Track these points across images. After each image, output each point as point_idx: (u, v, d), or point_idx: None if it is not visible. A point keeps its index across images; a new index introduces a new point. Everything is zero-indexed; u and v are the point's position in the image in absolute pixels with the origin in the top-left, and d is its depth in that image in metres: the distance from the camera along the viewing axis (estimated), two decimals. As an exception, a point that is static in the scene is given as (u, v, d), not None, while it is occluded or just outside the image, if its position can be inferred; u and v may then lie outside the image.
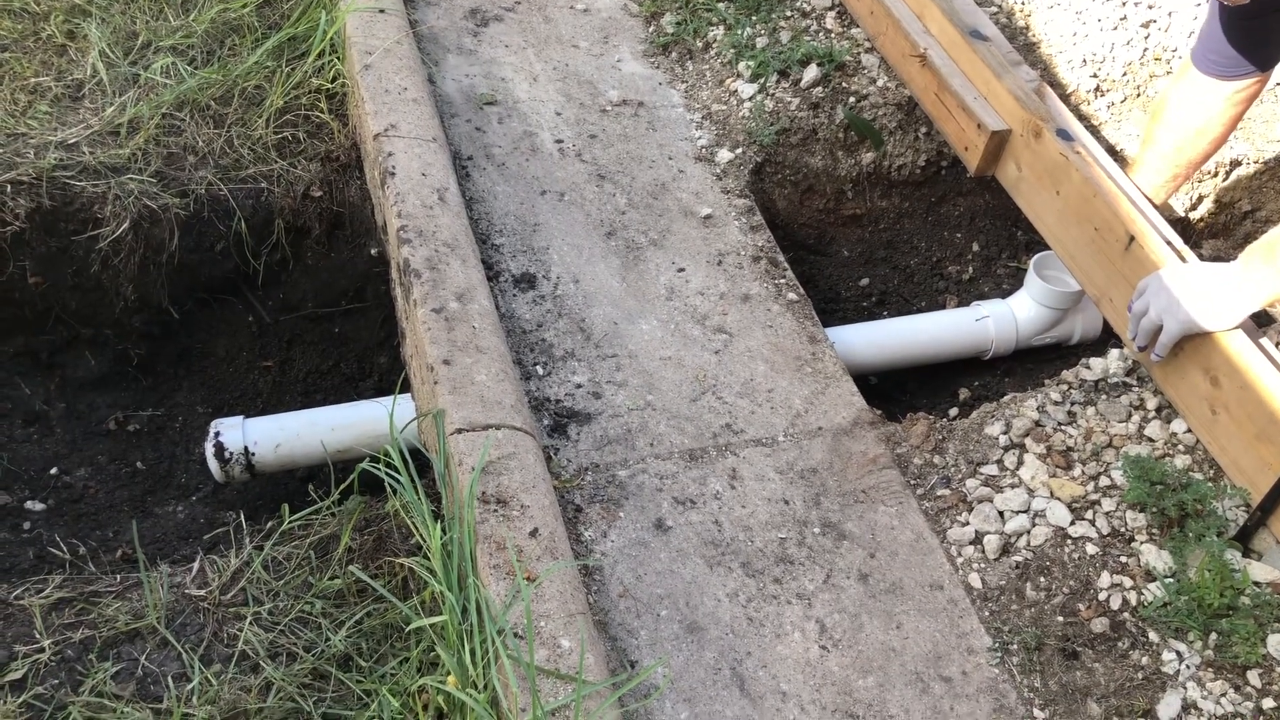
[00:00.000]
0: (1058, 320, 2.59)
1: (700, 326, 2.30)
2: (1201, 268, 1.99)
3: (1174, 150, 2.31)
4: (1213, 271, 1.95)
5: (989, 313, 2.60)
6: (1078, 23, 3.08)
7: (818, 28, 2.96)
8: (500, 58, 2.87)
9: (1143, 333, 2.01)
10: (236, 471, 2.19)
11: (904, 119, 2.81)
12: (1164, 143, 2.31)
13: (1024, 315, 2.59)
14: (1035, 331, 2.60)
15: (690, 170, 2.66)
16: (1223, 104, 2.20)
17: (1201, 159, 2.34)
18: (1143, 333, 2.01)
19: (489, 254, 2.36)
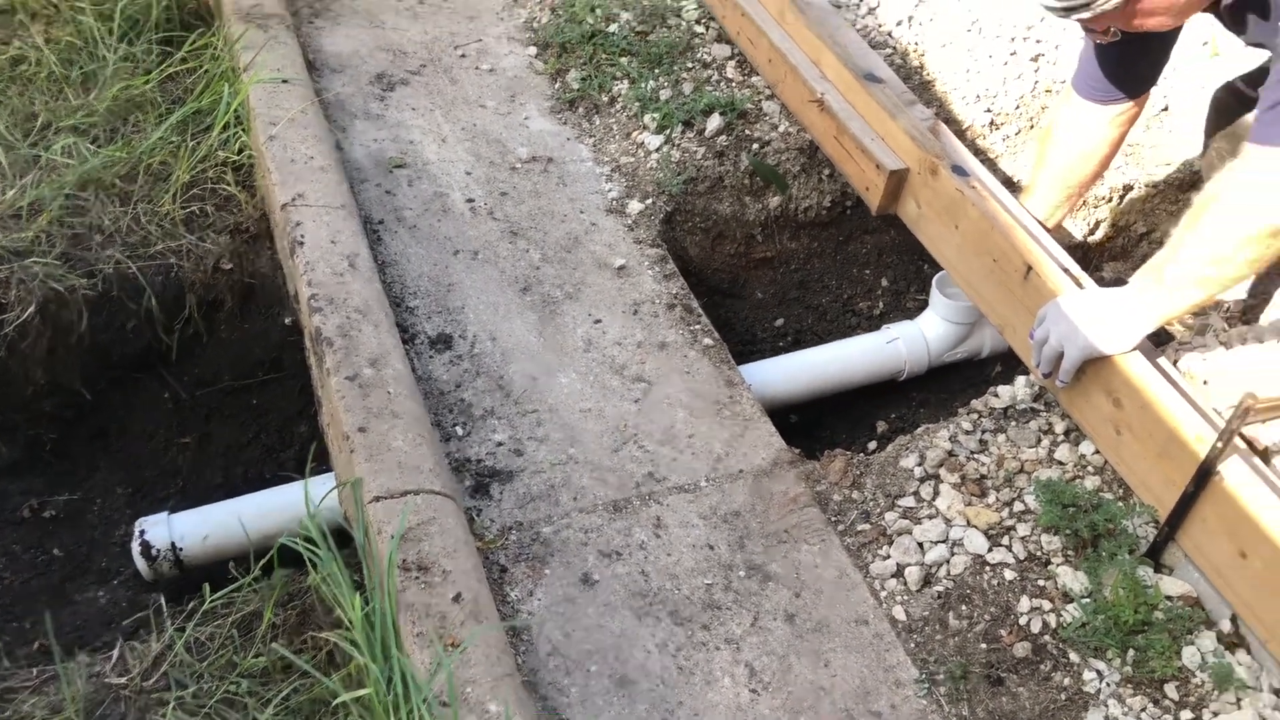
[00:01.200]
0: (966, 335, 2.65)
1: (619, 377, 2.32)
2: (1096, 293, 2.06)
3: (1064, 171, 2.38)
4: (1107, 296, 2.02)
5: (899, 334, 2.66)
6: (970, 59, 3.19)
7: (719, 78, 3.02)
8: (408, 121, 2.89)
9: (1045, 360, 2.07)
10: (165, 568, 2.16)
11: (807, 162, 2.88)
12: (1054, 165, 2.39)
13: (933, 333, 2.65)
14: (945, 348, 2.67)
15: (602, 223, 2.69)
16: (1105, 127, 2.29)
17: (1091, 179, 2.42)
18: (1045, 360, 2.07)
19: (404, 317, 2.36)
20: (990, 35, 3.22)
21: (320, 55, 3.06)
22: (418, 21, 3.26)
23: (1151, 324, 1.96)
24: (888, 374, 2.68)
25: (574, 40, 3.13)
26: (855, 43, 2.84)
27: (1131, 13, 1.84)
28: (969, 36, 3.22)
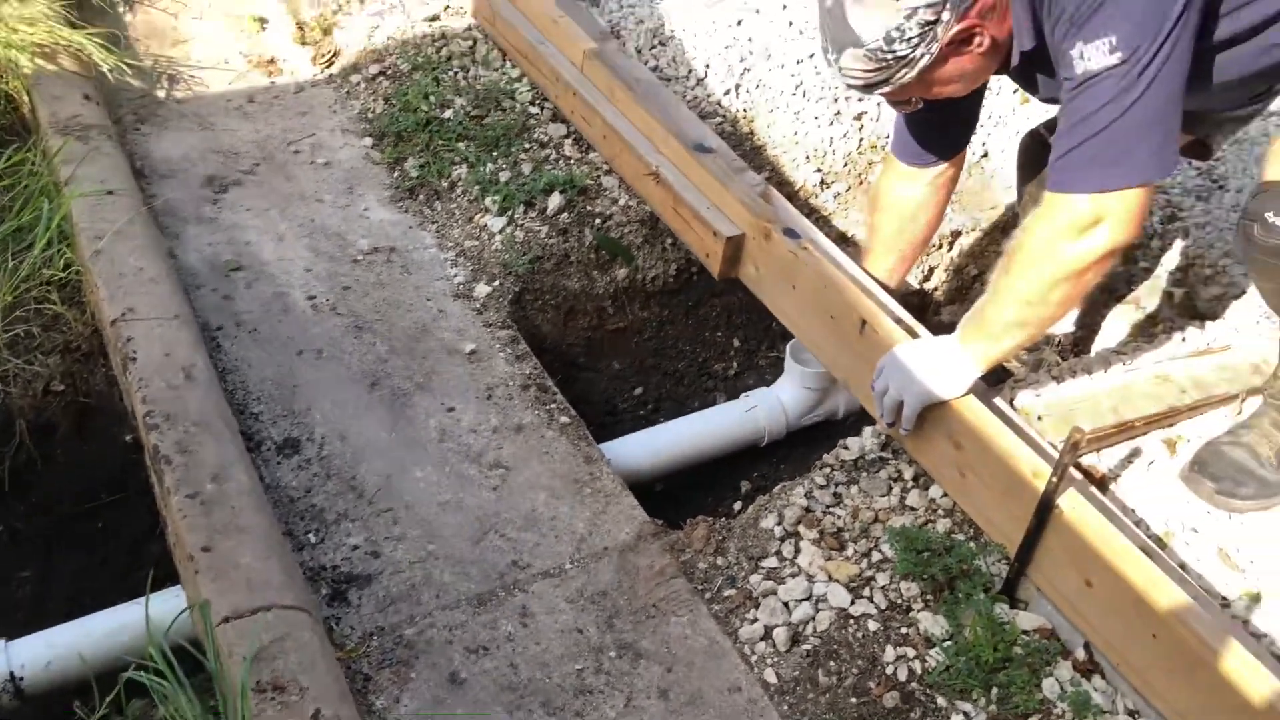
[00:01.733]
0: (820, 399, 2.71)
1: (476, 465, 2.29)
2: (927, 342, 2.13)
3: (895, 235, 2.47)
4: (937, 344, 2.09)
5: (757, 402, 2.70)
6: (797, 123, 3.30)
7: (557, 156, 3.06)
8: (243, 222, 2.84)
9: (887, 410, 2.13)
10: (4, 700, 2.03)
11: (650, 233, 2.92)
12: (885, 229, 2.48)
13: (789, 400, 2.70)
14: (802, 412, 2.72)
15: (450, 309, 2.68)
16: (926, 189, 2.39)
17: (924, 239, 2.51)
18: (887, 410, 2.13)
19: (248, 424, 2.30)
20: (814, 99, 3.34)
21: (148, 162, 2.99)
22: (249, 120, 3.22)
23: (980, 367, 2.04)
24: (748, 441, 2.71)
25: (409, 128, 3.13)
26: (685, 115, 2.91)
27: (930, 83, 1.93)
28: (795, 100, 3.34)
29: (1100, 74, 1.75)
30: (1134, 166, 1.79)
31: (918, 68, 1.85)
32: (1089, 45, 1.75)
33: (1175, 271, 2.92)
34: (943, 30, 1.81)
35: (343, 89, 3.40)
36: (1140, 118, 1.76)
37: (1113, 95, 1.75)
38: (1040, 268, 1.87)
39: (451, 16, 3.57)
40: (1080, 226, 1.83)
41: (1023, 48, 1.91)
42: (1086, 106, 1.78)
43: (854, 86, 1.93)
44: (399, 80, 3.33)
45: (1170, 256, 2.96)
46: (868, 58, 1.85)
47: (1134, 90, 1.74)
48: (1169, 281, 2.90)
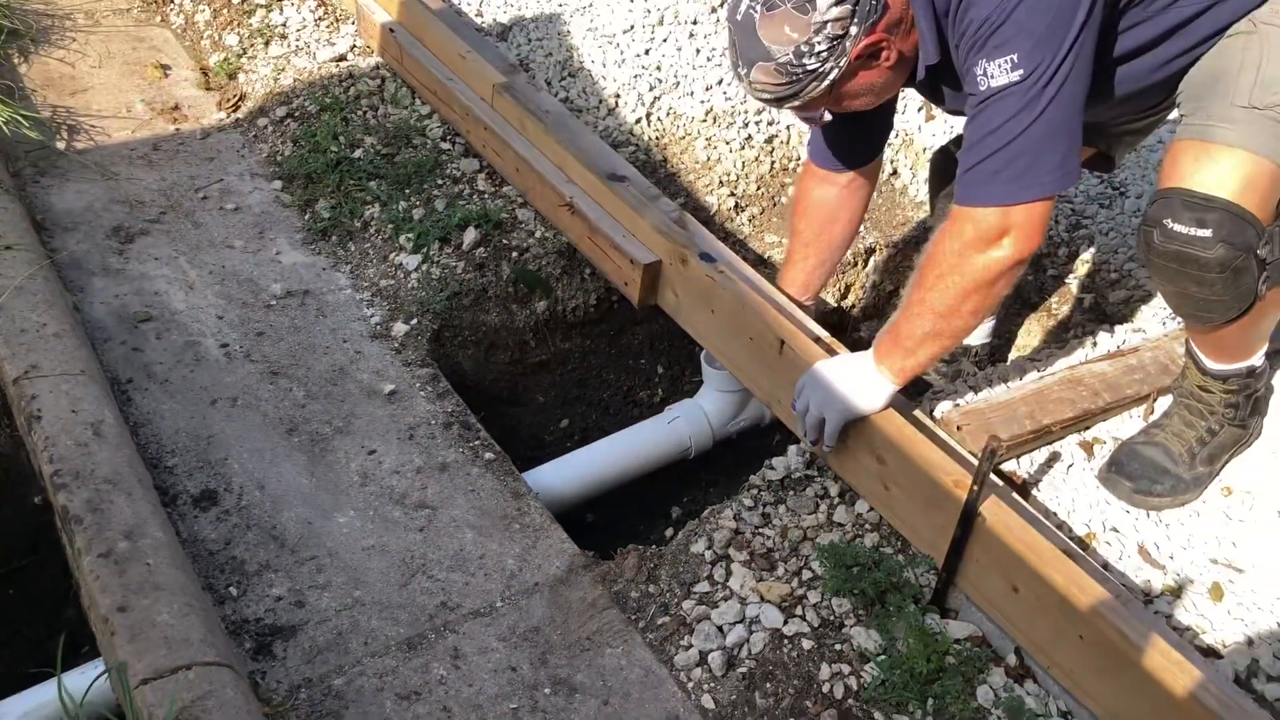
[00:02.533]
0: (744, 402, 2.72)
1: (400, 507, 2.26)
2: (844, 360, 2.14)
3: (815, 236, 2.48)
4: (854, 361, 2.11)
5: (679, 413, 2.70)
6: (709, 149, 3.32)
7: (470, 191, 3.05)
8: (151, 271, 2.78)
9: (810, 428, 2.14)
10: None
11: (567, 264, 2.92)
12: (806, 232, 2.48)
13: (711, 407, 2.70)
14: (727, 419, 2.72)
15: (368, 350, 2.64)
16: (843, 192, 2.41)
17: (842, 242, 2.52)
18: (810, 428, 2.14)
19: (162, 478, 2.24)
20: (725, 124, 3.37)
21: (50, 214, 2.91)
22: (153, 169, 3.15)
23: (898, 381, 2.06)
24: (675, 454, 2.71)
25: (319, 170, 3.09)
26: (596, 145, 2.92)
27: (839, 96, 1.96)
28: (706, 126, 3.37)
29: (1003, 90, 1.79)
30: (1038, 180, 1.82)
31: (826, 81, 1.88)
32: (991, 63, 1.79)
33: (1083, 278, 2.99)
34: (851, 44, 1.84)
35: (250, 133, 3.35)
36: (1043, 132, 1.80)
37: (1016, 111, 1.79)
38: (951, 280, 1.90)
39: (359, 56, 3.55)
40: (987, 239, 1.86)
41: (928, 62, 1.95)
42: (991, 122, 1.82)
43: (763, 100, 1.95)
44: (307, 122, 3.29)
45: (1077, 263, 3.04)
46: (778, 71, 1.87)
47: (1037, 105, 1.78)
48: (1078, 288, 2.97)
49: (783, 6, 1.83)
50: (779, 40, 1.85)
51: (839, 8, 1.81)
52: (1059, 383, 2.36)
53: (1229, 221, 1.85)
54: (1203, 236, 1.87)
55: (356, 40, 3.59)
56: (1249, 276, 1.91)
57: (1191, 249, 1.89)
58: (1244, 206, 1.85)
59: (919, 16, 1.91)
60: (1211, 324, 2.03)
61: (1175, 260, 1.93)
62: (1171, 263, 1.94)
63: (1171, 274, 1.97)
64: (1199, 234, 1.87)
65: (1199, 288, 1.94)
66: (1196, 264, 1.90)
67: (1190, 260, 1.90)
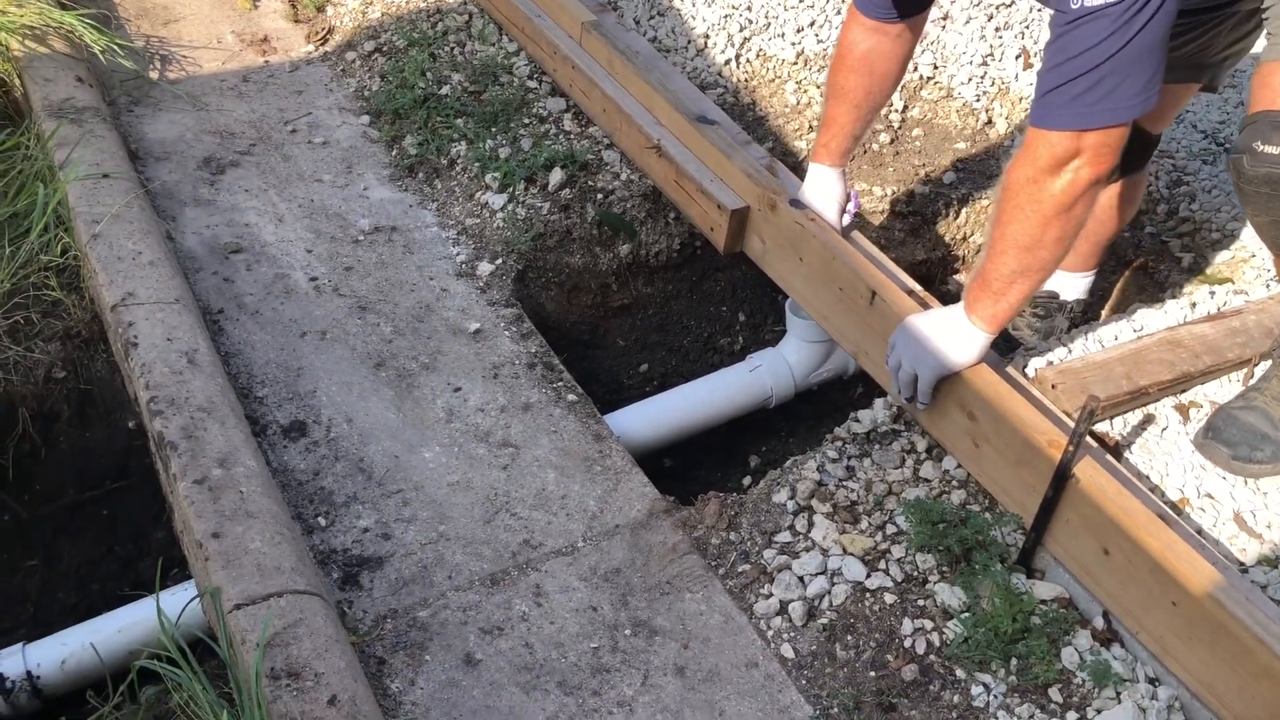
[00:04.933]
0: (827, 354, 2.68)
1: (484, 444, 2.27)
2: (935, 313, 2.10)
3: (865, 99, 2.36)
4: (945, 315, 2.07)
5: (761, 362, 2.68)
6: (800, 93, 3.26)
7: (557, 131, 3.02)
8: (241, 203, 2.81)
9: (903, 385, 2.10)
10: (23, 699, 2.02)
11: (652, 208, 2.89)
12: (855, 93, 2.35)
13: (795, 357, 2.68)
14: (809, 370, 2.69)
15: (453, 288, 2.65)
16: (894, 44, 2.28)
17: (886, 99, 2.41)
18: (903, 385, 2.10)
19: (252, 408, 2.28)
20: (815, 68, 3.30)
21: (143, 144, 2.95)
22: (243, 101, 3.18)
23: (991, 329, 2.00)
24: (756, 403, 2.69)
25: (407, 106, 3.09)
26: (686, 87, 2.88)
27: None
28: (796, 69, 3.30)
29: (1097, 10, 1.69)
30: (1117, 106, 1.74)
31: None
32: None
33: (1183, 236, 2.90)
34: None
35: (338, 67, 3.35)
36: (1134, 55, 1.71)
37: (1108, 33, 1.69)
38: (1029, 209, 1.83)
39: (446, -9, 3.53)
40: (1061, 161, 1.79)
41: None
42: (1080, 43, 1.72)
43: None
44: (395, 57, 3.28)
45: (1177, 221, 2.94)
46: None
47: (1130, 29, 1.68)
48: (1179, 247, 2.88)
49: None
50: None
51: None
52: (1157, 343, 2.30)
53: None
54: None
55: (444, -25, 3.56)
56: None
57: (1276, 168, 1.81)
58: None
59: None
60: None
61: (1267, 184, 1.85)
62: (1263, 187, 1.86)
63: (1264, 200, 1.89)
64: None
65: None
66: None
67: (1275, 180, 1.83)
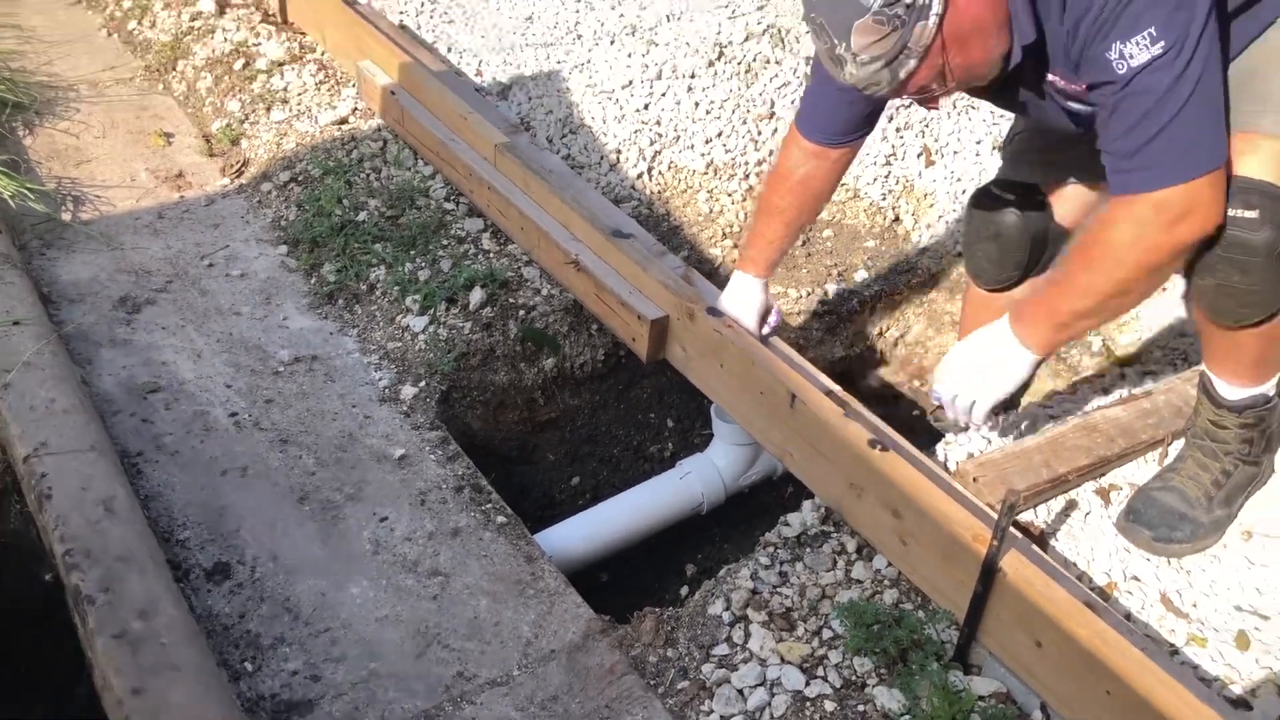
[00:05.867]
0: (755, 456, 2.71)
1: (413, 574, 2.24)
2: (982, 342, 2.04)
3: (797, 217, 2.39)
4: (994, 342, 2.02)
5: (691, 468, 2.69)
6: (712, 201, 3.34)
7: (476, 250, 3.05)
8: (159, 341, 2.78)
9: (959, 413, 2.08)
10: None
11: (574, 321, 2.92)
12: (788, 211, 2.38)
13: (723, 461, 2.70)
14: (739, 473, 2.71)
15: (377, 414, 2.64)
16: (831, 168, 2.31)
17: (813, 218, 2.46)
18: (959, 413, 2.08)
19: (174, 552, 2.22)
20: (725, 176, 3.38)
21: (56, 287, 2.92)
22: (159, 238, 3.17)
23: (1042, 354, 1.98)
24: (688, 510, 2.70)
25: (324, 233, 3.10)
26: (600, 202, 2.93)
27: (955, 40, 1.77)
28: (707, 179, 3.38)
29: (1148, 66, 1.70)
30: (1213, 147, 1.76)
31: (932, 16, 1.71)
32: (1128, 43, 1.70)
33: (1091, 320, 2.98)
34: None
35: (254, 198, 3.36)
36: (1204, 98, 1.73)
37: (1170, 84, 1.70)
38: (1129, 263, 1.82)
39: (360, 118, 3.58)
40: (1172, 218, 1.78)
41: (1025, 40, 1.83)
42: (1142, 103, 1.73)
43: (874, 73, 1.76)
44: (311, 185, 3.31)
45: (1084, 306, 3.03)
46: (877, 23, 1.69)
47: (1191, 75, 1.70)
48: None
49: None
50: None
51: None
52: (1073, 430, 2.35)
53: (1274, 204, 1.84)
54: (1250, 218, 1.84)
55: (358, 103, 3.62)
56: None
57: (1240, 231, 1.86)
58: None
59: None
60: (1245, 321, 1.99)
61: (1222, 246, 1.88)
62: (1217, 249, 1.89)
63: (1219, 264, 1.91)
64: (1247, 215, 1.84)
65: (1242, 275, 1.90)
66: (1243, 248, 1.86)
67: (1237, 244, 1.87)
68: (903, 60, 1.74)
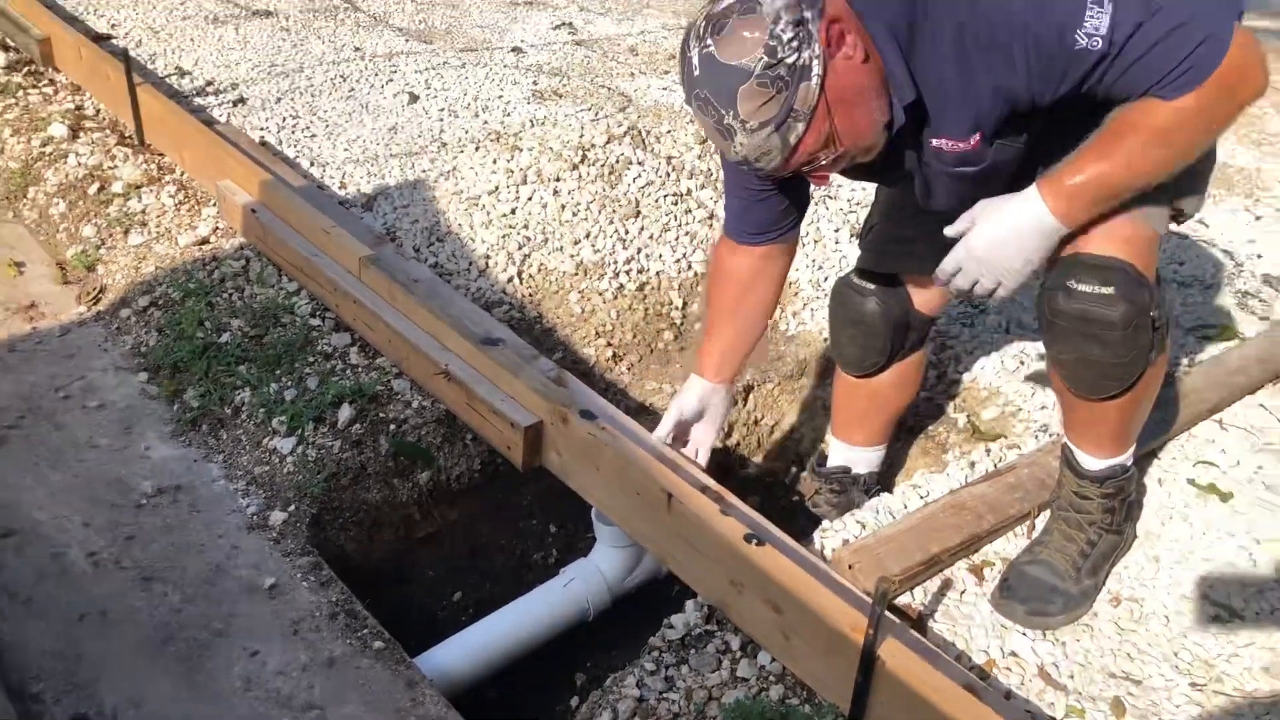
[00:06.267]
0: (639, 557, 2.68)
1: (287, 710, 2.14)
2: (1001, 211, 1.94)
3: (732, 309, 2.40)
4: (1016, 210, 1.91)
5: (574, 575, 2.65)
6: (583, 301, 3.36)
7: (343, 366, 3.00)
8: (11, 482, 2.65)
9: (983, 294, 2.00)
10: None
11: (448, 431, 2.88)
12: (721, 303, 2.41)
13: (606, 565, 2.66)
14: (623, 576, 2.68)
15: (245, 543, 2.54)
16: (758, 263, 2.33)
17: (760, 315, 2.43)
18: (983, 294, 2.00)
19: (29, 707, 2.09)
20: (595, 276, 3.42)
21: (-104, 430, 2.77)
22: (9, 373, 3.04)
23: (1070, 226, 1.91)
24: (574, 618, 2.65)
25: (185, 358, 3.02)
26: (469, 309, 2.93)
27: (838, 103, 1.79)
28: (577, 280, 3.41)
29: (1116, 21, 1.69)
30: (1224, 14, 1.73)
31: (814, 77, 1.72)
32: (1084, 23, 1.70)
33: (955, 398, 3.07)
34: (814, 26, 1.71)
35: (112, 325, 3.26)
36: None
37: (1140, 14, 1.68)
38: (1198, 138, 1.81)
39: (221, 238, 3.52)
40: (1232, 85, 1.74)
41: (904, 100, 1.85)
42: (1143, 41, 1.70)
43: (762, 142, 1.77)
44: (171, 309, 3.23)
45: (947, 384, 3.12)
46: (761, 87, 1.71)
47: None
48: (951, 408, 3.04)
49: (730, 19, 1.72)
50: (745, 50, 1.70)
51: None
52: (943, 509, 2.39)
53: (1129, 280, 1.91)
54: (1106, 294, 1.91)
55: (219, 223, 3.56)
56: (1145, 337, 1.97)
57: (1097, 307, 1.92)
58: (1139, 267, 1.92)
59: (882, 48, 1.82)
60: (1104, 394, 2.06)
61: (1080, 320, 1.95)
62: (1076, 323, 1.96)
63: (1075, 336, 1.98)
64: (1103, 291, 1.91)
65: (1101, 349, 1.97)
66: (1101, 323, 1.93)
67: (1095, 319, 1.93)
68: (791, 124, 1.75)
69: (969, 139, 1.92)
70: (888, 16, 1.83)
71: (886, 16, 1.83)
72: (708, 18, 1.77)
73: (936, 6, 1.81)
